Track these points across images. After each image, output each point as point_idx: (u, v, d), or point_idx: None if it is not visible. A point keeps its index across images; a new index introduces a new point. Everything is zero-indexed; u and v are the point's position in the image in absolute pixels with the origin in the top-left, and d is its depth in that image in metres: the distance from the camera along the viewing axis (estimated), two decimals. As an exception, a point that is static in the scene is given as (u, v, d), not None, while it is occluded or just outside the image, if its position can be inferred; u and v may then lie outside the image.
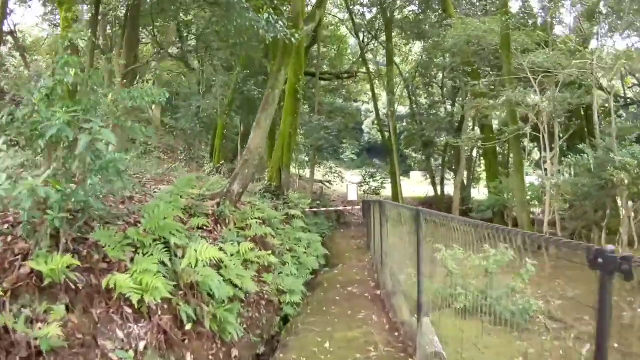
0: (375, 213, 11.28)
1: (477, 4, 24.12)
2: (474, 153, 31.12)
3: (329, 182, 31.38)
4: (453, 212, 22.94)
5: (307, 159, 27.15)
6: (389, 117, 22.69)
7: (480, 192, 31.02)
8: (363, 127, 52.06)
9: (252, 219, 8.98)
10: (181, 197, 7.43)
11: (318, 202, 23.42)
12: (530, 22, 22.54)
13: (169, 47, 30.60)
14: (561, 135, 15.78)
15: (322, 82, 35.91)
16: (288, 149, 14.13)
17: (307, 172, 28.68)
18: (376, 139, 50.60)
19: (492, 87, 17.81)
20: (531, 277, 6.62)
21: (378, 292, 8.89)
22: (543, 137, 14.31)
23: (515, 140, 15.57)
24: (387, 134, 26.06)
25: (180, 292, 5.39)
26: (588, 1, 19.99)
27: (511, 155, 30.81)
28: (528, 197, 15.64)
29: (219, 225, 8.19)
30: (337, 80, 35.51)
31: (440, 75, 29.69)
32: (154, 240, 5.38)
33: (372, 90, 25.99)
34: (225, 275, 6.67)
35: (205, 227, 7.77)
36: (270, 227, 9.88)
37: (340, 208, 21.99)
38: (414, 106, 27.30)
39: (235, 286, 6.83)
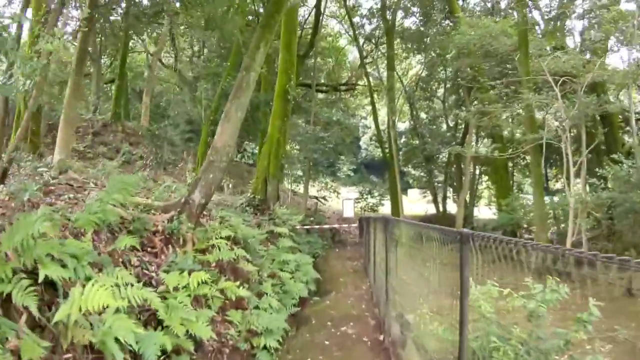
0: (377, 232, 9.12)
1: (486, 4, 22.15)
2: (476, 170, 29.29)
3: (324, 197, 29.24)
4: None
5: (300, 172, 25.02)
6: (389, 128, 20.62)
7: (481, 211, 28.91)
8: (360, 143, 50.06)
9: (218, 238, 6.79)
10: (116, 205, 5.30)
11: (311, 218, 21.25)
12: (538, 29, 20.85)
13: (160, 54, 28.77)
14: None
15: (320, 96, 34.16)
16: (276, 156, 12.00)
17: (301, 188, 26.60)
18: (373, 155, 48.61)
19: (503, 94, 15.78)
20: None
21: (380, 337, 6.64)
22: (566, 146, 12.21)
23: (535, 151, 13.50)
24: (386, 150, 24.05)
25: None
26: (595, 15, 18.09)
27: (516, 171, 29.01)
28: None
29: (170, 246, 6.01)
30: (334, 92, 33.64)
31: (441, 89, 27.97)
32: (22, 273, 3.20)
33: (372, 101, 24.00)
34: (165, 320, 4.50)
35: (149, 249, 5.61)
36: (245, 249, 7.66)
37: (336, 226, 19.78)
38: (415, 119, 25.23)
39: (187, 332, 4.67)
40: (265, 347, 6.48)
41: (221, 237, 6.84)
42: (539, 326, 4.78)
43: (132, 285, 4.10)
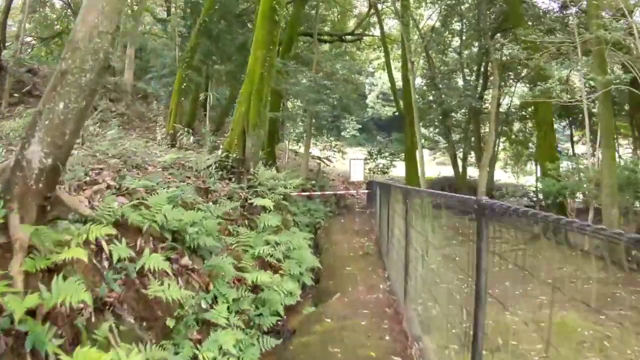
0: (394, 205, 5.57)
1: None
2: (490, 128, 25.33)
3: (327, 158, 25.51)
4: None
5: (302, 130, 21.22)
6: (408, 71, 16.47)
7: (496, 174, 25.13)
8: (367, 101, 45.76)
9: (94, 235, 3.11)
10: None
11: (313, 182, 17.61)
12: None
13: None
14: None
15: (324, 47, 29.89)
16: (258, 99, 8.20)
17: (302, 148, 22.91)
18: (380, 114, 44.45)
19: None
20: None
21: None
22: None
23: (605, 99, 9.63)
24: (400, 104, 20.04)
25: None
26: None
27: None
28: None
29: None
30: (340, 43, 29.32)
31: (455, 41, 23.68)
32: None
33: (385, 48, 19.57)
34: None
35: None
36: (193, 249, 4.04)
37: (342, 192, 16.16)
38: (432, 70, 20.96)
39: None
40: None
41: (104, 234, 3.16)
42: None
43: None
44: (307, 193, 13.06)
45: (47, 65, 19.60)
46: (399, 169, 23.81)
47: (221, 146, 8.71)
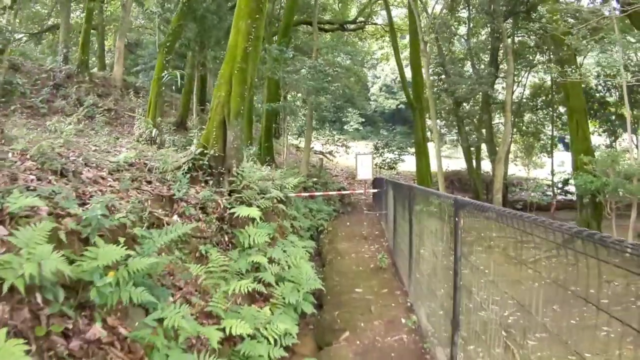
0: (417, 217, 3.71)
1: None
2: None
3: (330, 153, 23.69)
4: (494, 196, 15.39)
5: (303, 121, 19.39)
6: (421, 53, 14.50)
7: (513, 168, 23.29)
8: (369, 94, 43.81)
9: None
10: None
11: (315, 179, 15.81)
12: None
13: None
14: None
15: (325, 38, 28.00)
16: (241, 80, 6.35)
17: (302, 142, 21.11)
18: (383, 107, 42.48)
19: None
20: None
21: None
22: None
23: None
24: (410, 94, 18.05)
25: None
26: None
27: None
28: None
29: None
30: (341, 32, 27.40)
31: (461, 29, 21.75)
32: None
33: (392, 30, 17.49)
34: None
35: None
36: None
37: (347, 192, 14.36)
38: (442, 57, 18.96)
39: None
40: None
41: None
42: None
43: None
44: (307, 194, 11.27)
45: (31, 61, 17.98)
46: (407, 164, 21.96)
47: (194, 140, 6.86)
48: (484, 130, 19.55)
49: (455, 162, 29.22)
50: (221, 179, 6.20)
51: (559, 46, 10.87)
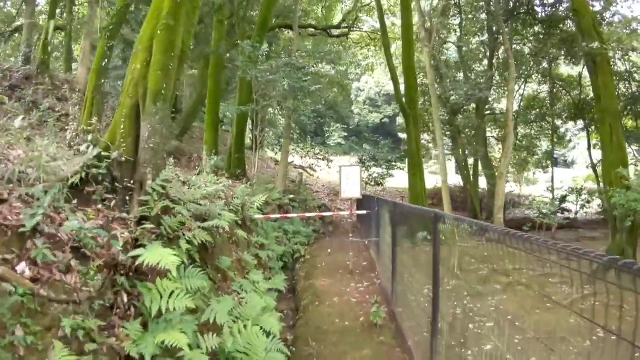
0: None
1: None
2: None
3: (311, 167, 21.39)
4: (496, 216, 13.32)
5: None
6: (422, 43, 12.30)
7: (510, 186, 21.26)
8: (352, 108, 41.79)
9: None
10: None
11: (292, 195, 13.48)
12: None
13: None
14: None
15: (306, 46, 25.90)
16: (166, 46, 4.05)
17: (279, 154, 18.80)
18: (367, 120, 40.41)
19: None
20: None
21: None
22: None
23: None
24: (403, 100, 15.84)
25: None
26: None
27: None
28: None
29: None
30: (325, 36, 25.35)
31: (452, 37, 19.93)
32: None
33: (382, 22, 15.09)
34: None
35: None
36: None
37: (329, 214, 12.04)
38: (438, 59, 16.83)
39: None
40: None
41: None
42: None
43: None
44: (279, 215, 8.89)
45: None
46: (394, 180, 19.76)
47: (90, 137, 4.46)
48: (475, 143, 17.52)
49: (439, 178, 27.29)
50: (128, 196, 3.81)
51: (590, 38, 8.80)
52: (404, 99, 13.03)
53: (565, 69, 22.14)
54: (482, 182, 18.96)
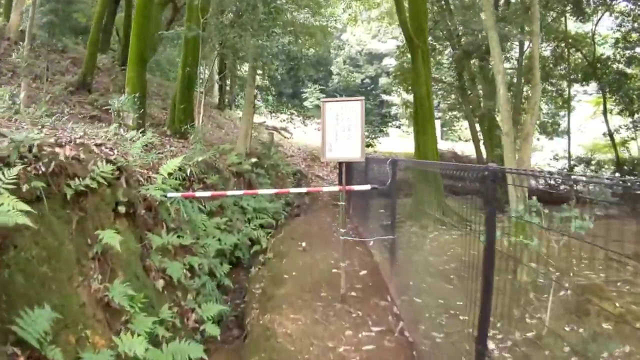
0: None
1: None
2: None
3: (284, 129, 17.45)
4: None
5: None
6: None
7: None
8: (332, 68, 37.27)
9: None
10: None
11: (255, 159, 9.49)
12: None
13: None
14: None
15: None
16: None
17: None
18: (347, 82, 36.01)
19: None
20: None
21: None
22: None
23: None
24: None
25: None
26: None
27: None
28: None
29: None
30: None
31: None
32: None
33: None
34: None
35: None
36: None
37: (305, 189, 8.31)
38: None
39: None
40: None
41: None
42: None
43: None
44: (205, 194, 4.93)
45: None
46: (385, 145, 16.07)
47: None
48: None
49: (446, 143, 23.83)
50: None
51: None
52: (409, 27, 9.00)
53: (574, 25, 18.62)
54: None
